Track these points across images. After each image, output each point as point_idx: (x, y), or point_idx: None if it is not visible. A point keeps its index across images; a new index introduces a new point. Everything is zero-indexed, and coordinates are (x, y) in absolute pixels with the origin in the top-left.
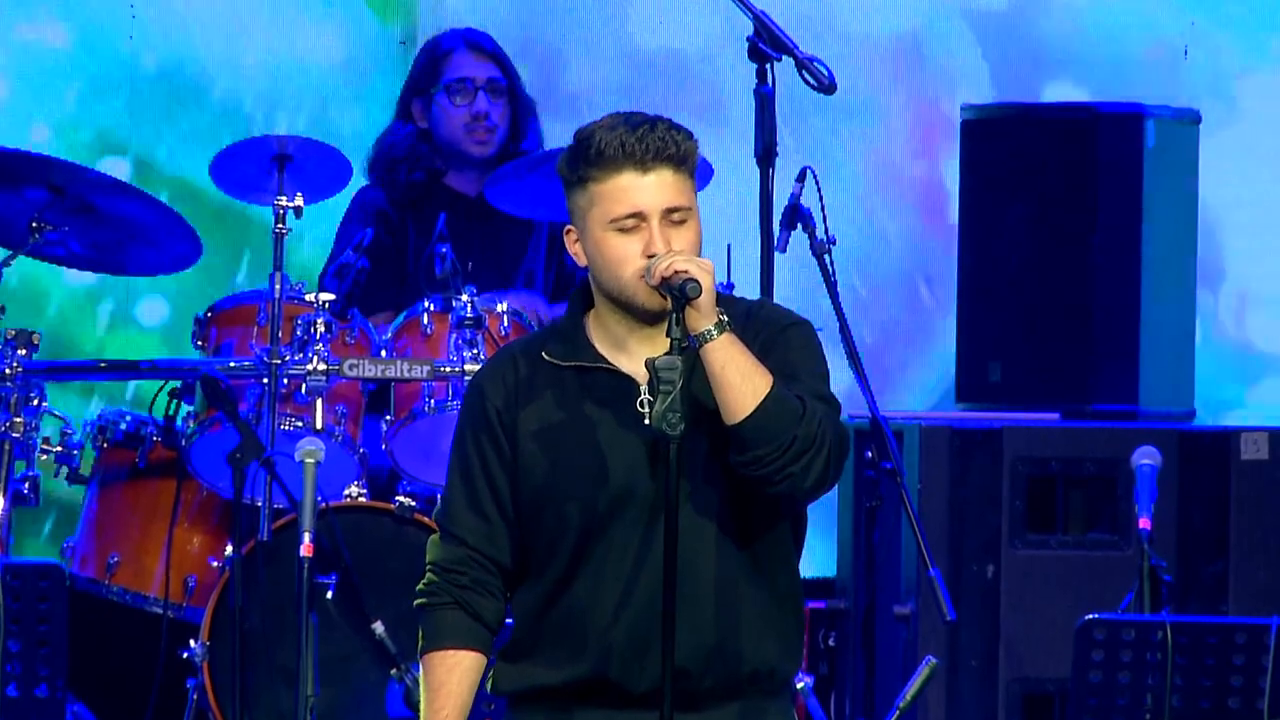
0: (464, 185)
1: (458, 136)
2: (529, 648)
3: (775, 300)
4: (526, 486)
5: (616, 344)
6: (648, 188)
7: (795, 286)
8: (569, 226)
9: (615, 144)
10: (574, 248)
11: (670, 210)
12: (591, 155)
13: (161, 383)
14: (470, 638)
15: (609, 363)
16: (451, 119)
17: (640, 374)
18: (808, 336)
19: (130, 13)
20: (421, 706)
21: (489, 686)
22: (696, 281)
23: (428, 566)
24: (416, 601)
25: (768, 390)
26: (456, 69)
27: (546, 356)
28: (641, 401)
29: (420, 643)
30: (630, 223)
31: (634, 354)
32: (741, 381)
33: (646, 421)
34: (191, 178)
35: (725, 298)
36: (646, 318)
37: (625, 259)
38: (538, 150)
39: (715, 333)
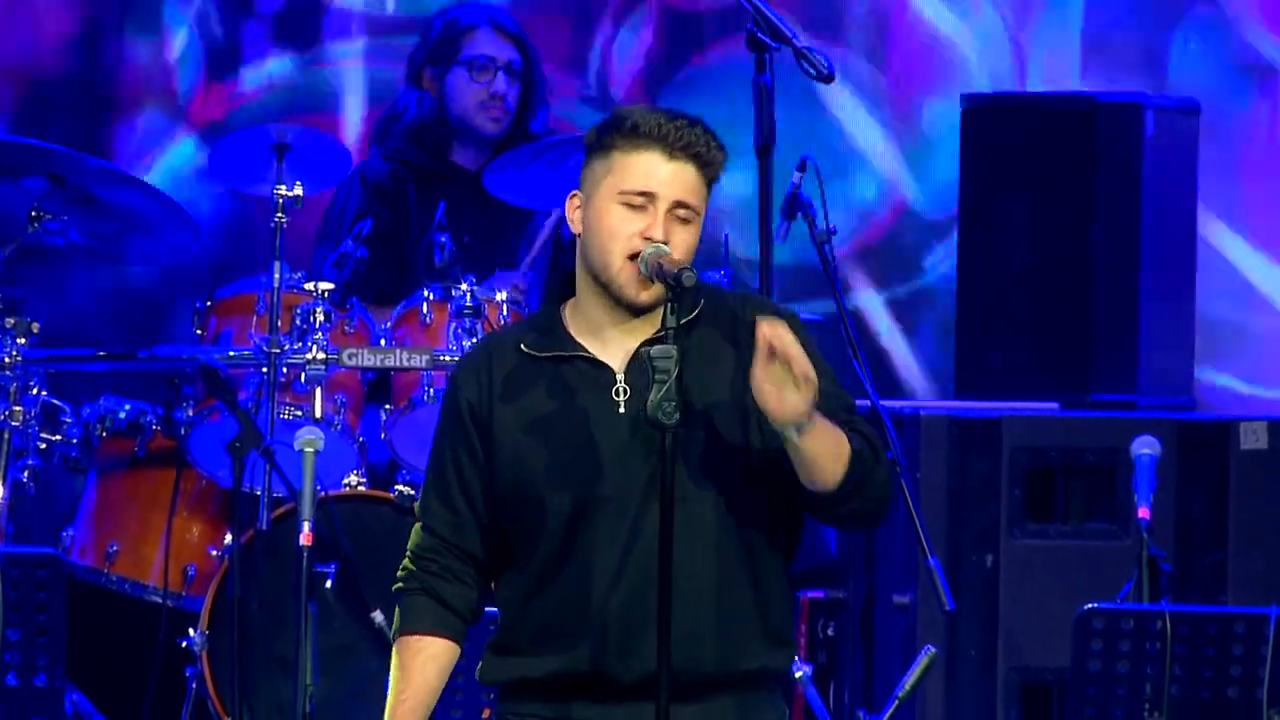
0: (467, 160)
1: (470, 113)
2: (515, 640)
3: (775, 291)
4: (506, 479)
5: (594, 331)
6: (668, 174)
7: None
8: (574, 191)
9: (652, 124)
10: (573, 214)
11: (680, 204)
12: (625, 127)
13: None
14: (437, 624)
15: (587, 351)
16: (466, 95)
17: (617, 362)
18: (806, 336)
19: None
20: (389, 688)
21: (477, 676)
22: (691, 270)
23: (406, 553)
24: (393, 586)
25: (849, 454)
26: (479, 46)
27: (525, 348)
28: (616, 390)
29: (393, 627)
30: (639, 200)
31: (610, 342)
32: (834, 460)
33: (621, 410)
34: None
35: (709, 289)
36: (627, 306)
37: (620, 234)
38: (544, 135)
39: (809, 423)
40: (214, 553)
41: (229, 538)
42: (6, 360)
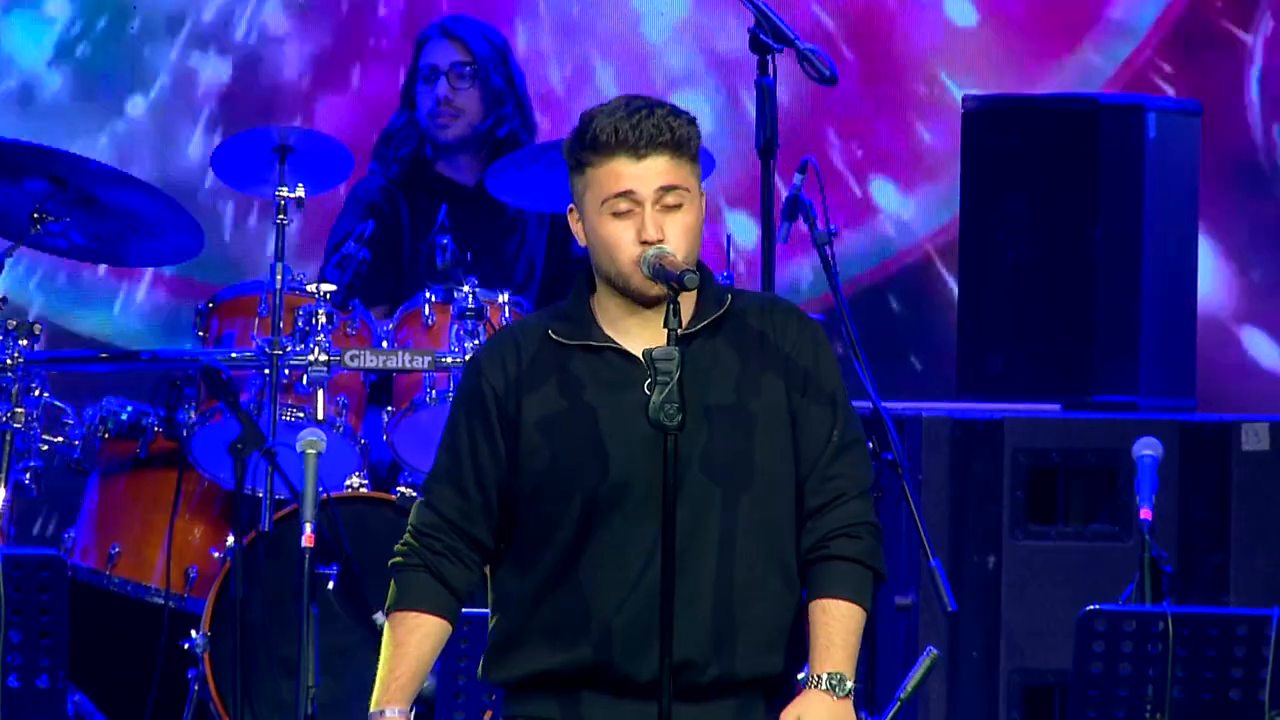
0: (456, 173)
1: (426, 121)
2: (525, 635)
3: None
4: (529, 470)
5: (615, 326)
6: (641, 174)
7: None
8: (571, 205)
9: (610, 130)
10: (575, 227)
11: (665, 190)
12: (588, 140)
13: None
14: (436, 603)
15: (616, 343)
16: (424, 105)
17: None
18: (826, 346)
19: None
20: (380, 663)
21: (479, 674)
22: (694, 272)
23: (407, 528)
24: (390, 561)
25: (862, 619)
26: (428, 56)
27: (553, 336)
28: (647, 385)
29: (388, 601)
30: (623, 205)
31: (632, 336)
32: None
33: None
34: None
35: (738, 290)
36: (645, 302)
37: (619, 244)
38: (528, 140)
39: (849, 683)
40: (216, 554)
41: (231, 539)
42: (9, 362)
